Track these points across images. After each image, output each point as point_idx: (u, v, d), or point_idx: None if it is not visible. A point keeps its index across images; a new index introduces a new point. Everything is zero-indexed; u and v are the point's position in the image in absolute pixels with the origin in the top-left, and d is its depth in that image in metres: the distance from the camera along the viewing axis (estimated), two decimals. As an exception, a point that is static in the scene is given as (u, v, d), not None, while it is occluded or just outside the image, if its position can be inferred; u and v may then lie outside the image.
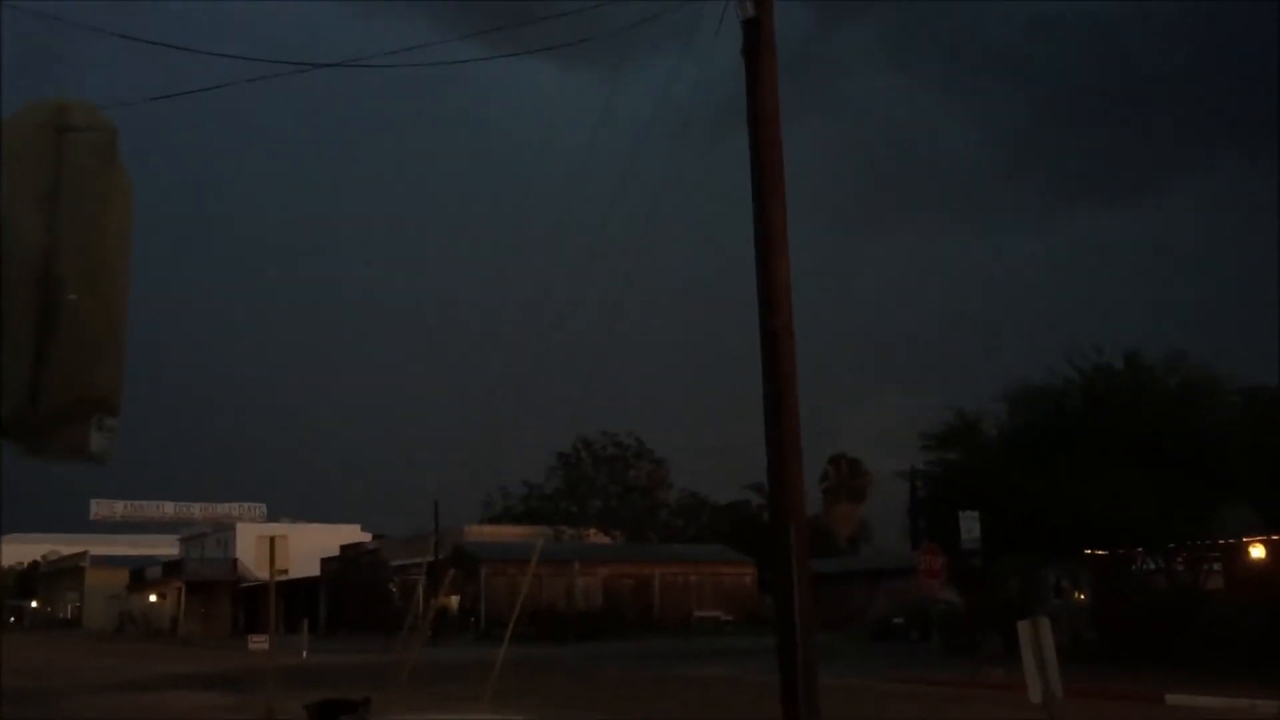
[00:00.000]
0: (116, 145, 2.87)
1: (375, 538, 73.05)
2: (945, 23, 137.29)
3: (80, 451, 2.87)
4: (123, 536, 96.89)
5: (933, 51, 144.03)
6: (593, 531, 67.11)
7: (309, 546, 57.30)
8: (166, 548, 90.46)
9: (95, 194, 2.77)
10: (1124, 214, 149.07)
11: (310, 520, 74.76)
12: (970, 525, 24.26)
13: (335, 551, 67.44)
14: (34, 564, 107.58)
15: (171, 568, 79.13)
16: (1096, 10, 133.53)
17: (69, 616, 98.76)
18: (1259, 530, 26.05)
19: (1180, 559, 27.51)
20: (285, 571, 19.66)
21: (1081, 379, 27.43)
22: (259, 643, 37.73)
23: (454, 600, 56.04)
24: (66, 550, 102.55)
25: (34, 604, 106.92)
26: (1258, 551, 27.20)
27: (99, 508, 76.52)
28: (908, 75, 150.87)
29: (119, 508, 76.36)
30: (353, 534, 75.25)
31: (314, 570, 63.57)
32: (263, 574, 20.29)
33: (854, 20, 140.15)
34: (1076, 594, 33.51)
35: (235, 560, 72.76)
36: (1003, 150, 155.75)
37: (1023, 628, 11.09)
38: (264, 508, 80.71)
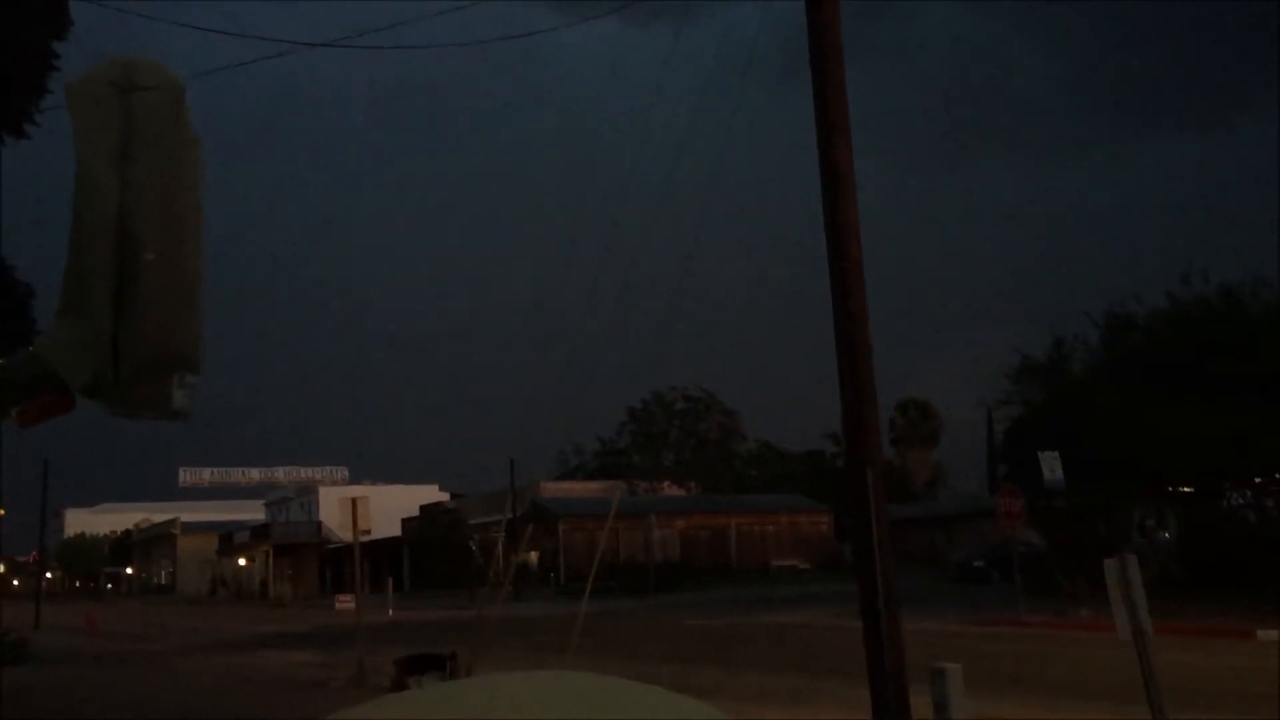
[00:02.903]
0: (184, 102, 2.87)
1: (453, 497, 74.14)
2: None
3: (163, 409, 2.89)
4: (211, 502, 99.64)
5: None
6: (667, 484, 67.34)
7: (390, 507, 58.37)
8: (253, 512, 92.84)
9: (166, 151, 2.77)
10: (1202, 140, 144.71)
11: (390, 481, 76.16)
12: (1052, 465, 23.90)
13: (415, 511, 68.61)
14: (128, 532, 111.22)
15: (259, 532, 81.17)
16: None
17: (163, 582, 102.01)
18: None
19: (1271, 493, 26.85)
20: (368, 532, 20.04)
21: (1173, 309, 26.81)
22: (346, 602, 38.69)
23: (533, 556, 56.77)
24: (158, 518, 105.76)
25: (129, 570, 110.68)
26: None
27: (187, 475, 78.68)
28: (980, 9, 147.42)
29: (206, 474, 78.46)
30: (431, 494, 76.47)
31: (395, 530, 64.75)
32: (346, 535, 20.70)
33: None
34: (1161, 532, 32.91)
35: (319, 523, 74.41)
36: (1078, 81, 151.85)
37: (1109, 565, 10.89)
38: (346, 470, 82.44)
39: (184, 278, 2.81)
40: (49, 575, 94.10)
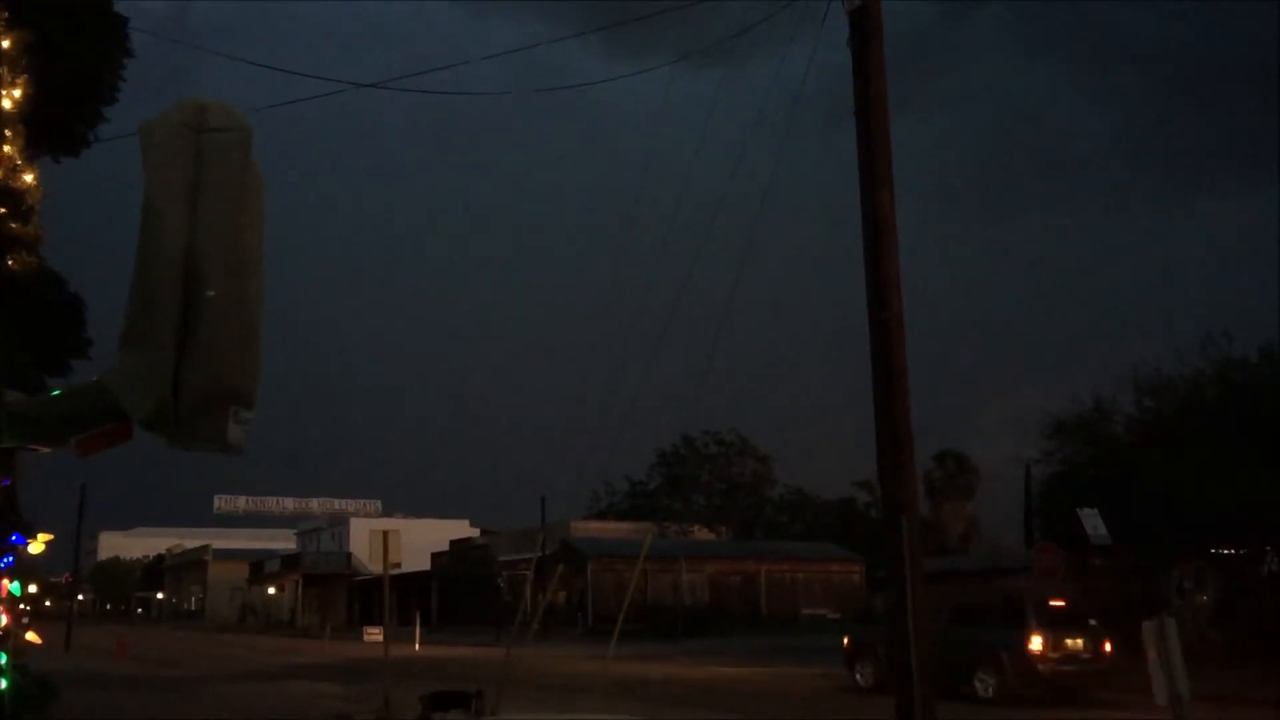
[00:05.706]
0: (250, 145, 2.95)
1: (483, 533, 74.08)
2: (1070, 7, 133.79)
3: (218, 442, 2.95)
4: (243, 530, 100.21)
5: (1058, 37, 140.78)
6: (697, 528, 66.92)
7: (420, 541, 58.39)
8: (284, 541, 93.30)
9: (233, 192, 2.85)
10: (1251, 199, 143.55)
11: (421, 515, 76.31)
12: (1094, 522, 23.57)
13: (445, 546, 68.60)
14: (160, 557, 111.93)
15: (289, 561, 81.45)
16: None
17: (193, 608, 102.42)
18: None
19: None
20: (398, 565, 20.02)
21: (1215, 371, 26.43)
22: (374, 634, 38.63)
23: (561, 595, 56.50)
24: (191, 543, 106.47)
25: (160, 595, 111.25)
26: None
27: (222, 502, 79.40)
28: (1033, 62, 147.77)
29: (241, 502, 79.22)
30: (461, 529, 76.51)
31: (425, 564, 64.75)
32: (376, 567, 20.73)
33: (979, 9, 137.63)
34: (1200, 595, 32.25)
35: (349, 554, 74.59)
36: (1127, 137, 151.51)
37: (1148, 629, 10.73)
38: (378, 503, 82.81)
39: (244, 315, 2.88)
40: (80, 597, 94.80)
